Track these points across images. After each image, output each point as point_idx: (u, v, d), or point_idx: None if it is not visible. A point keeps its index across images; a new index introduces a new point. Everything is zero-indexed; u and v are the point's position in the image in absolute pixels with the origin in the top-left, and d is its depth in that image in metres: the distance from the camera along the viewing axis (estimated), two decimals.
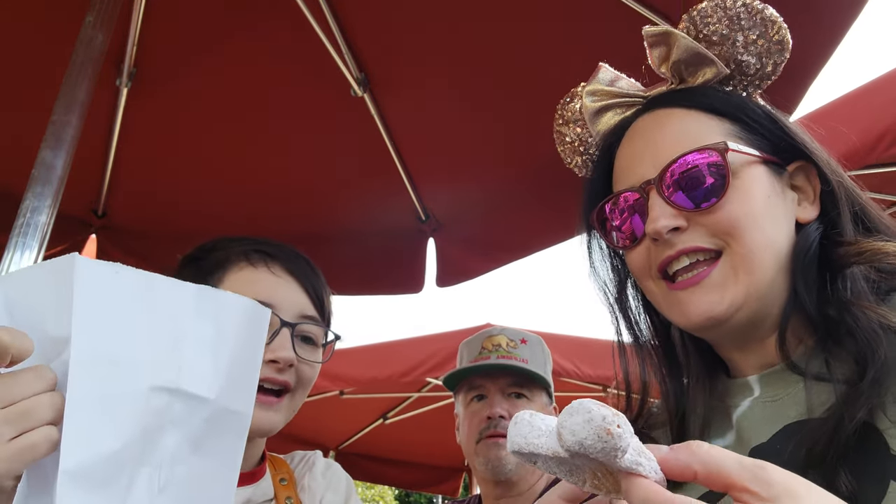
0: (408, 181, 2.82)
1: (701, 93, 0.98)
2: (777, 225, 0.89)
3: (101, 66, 1.83)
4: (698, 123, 0.94)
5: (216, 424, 0.77)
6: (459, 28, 2.30)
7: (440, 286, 2.99)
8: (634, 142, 0.99)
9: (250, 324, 0.83)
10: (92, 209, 2.90)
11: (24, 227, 1.66)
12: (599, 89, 1.06)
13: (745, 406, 0.91)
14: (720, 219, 0.88)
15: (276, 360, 1.17)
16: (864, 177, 3.23)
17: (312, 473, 1.32)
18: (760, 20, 0.96)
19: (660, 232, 0.89)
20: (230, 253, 1.27)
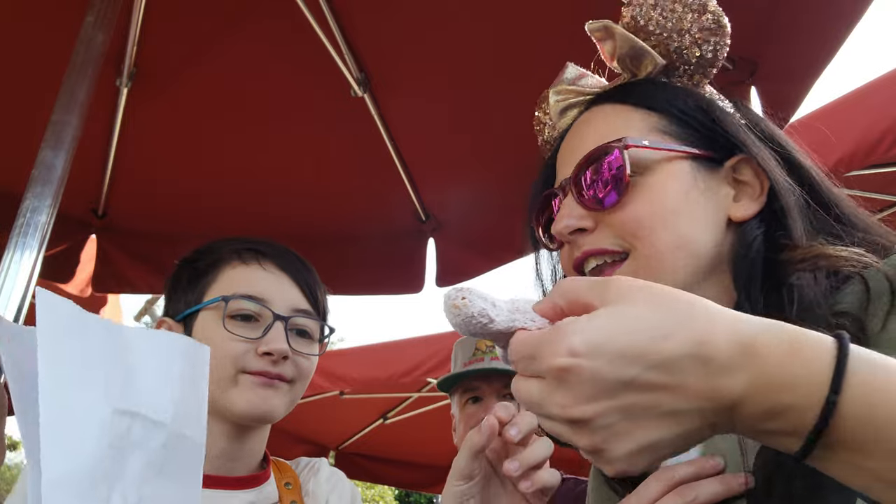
0: (408, 181, 2.82)
1: (633, 86, 0.96)
2: (696, 224, 0.84)
3: (101, 66, 1.83)
4: (622, 119, 0.92)
5: (173, 450, 0.81)
6: (460, 28, 2.30)
7: (440, 286, 2.99)
8: (566, 141, 0.98)
9: (192, 359, 0.85)
10: (92, 209, 2.90)
11: (24, 227, 1.66)
12: (564, 88, 1.05)
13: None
14: (624, 219, 0.84)
15: (270, 353, 1.20)
16: (864, 177, 3.23)
17: (317, 479, 1.34)
18: (693, 5, 0.92)
19: (561, 233, 0.88)
20: (223, 252, 1.30)
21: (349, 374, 4.68)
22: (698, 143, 0.88)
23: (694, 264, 0.83)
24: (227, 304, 1.22)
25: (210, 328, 1.23)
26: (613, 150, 0.86)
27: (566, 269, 0.92)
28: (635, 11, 0.94)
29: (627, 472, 0.56)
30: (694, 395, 0.53)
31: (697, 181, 0.86)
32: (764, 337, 0.54)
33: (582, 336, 0.54)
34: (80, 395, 0.74)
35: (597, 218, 0.87)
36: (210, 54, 2.42)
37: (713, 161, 0.88)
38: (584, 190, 0.88)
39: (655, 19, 0.93)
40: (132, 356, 0.80)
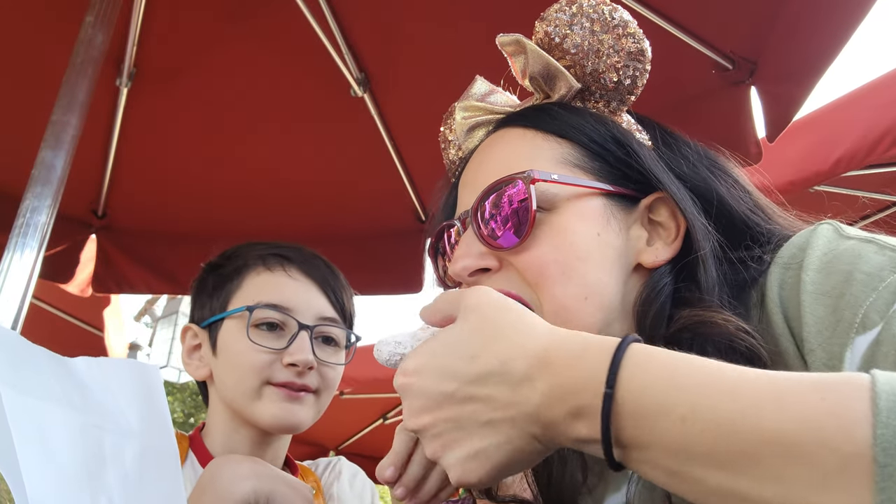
0: (408, 181, 2.82)
1: (544, 110, 0.86)
2: (605, 269, 0.76)
3: (101, 66, 1.83)
4: (530, 147, 0.83)
5: (148, 461, 0.80)
6: (460, 28, 2.30)
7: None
8: (469, 165, 0.89)
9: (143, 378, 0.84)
10: (92, 209, 2.89)
11: (24, 227, 1.66)
12: (471, 105, 0.96)
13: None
14: (528, 263, 0.76)
15: (295, 364, 1.19)
16: (864, 177, 3.23)
17: (340, 482, 1.34)
18: (614, 27, 0.83)
19: (459, 275, 0.79)
20: (248, 258, 1.29)
21: (349, 374, 4.64)
22: (612, 179, 0.80)
23: (603, 315, 0.75)
24: (251, 313, 1.21)
25: (234, 337, 1.22)
26: (518, 183, 0.77)
27: None
28: (550, 28, 0.86)
29: (467, 480, 0.61)
30: (502, 405, 0.58)
31: (610, 221, 0.78)
32: (557, 347, 0.58)
33: (414, 357, 0.65)
34: (48, 412, 0.73)
35: (500, 257, 0.78)
36: (210, 54, 2.42)
37: (627, 199, 0.81)
38: (485, 226, 0.79)
39: (571, 38, 0.84)
40: (84, 381, 0.79)
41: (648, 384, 0.52)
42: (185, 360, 1.30)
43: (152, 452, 0.81)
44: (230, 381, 1.22)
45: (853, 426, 0.43)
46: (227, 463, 1.02)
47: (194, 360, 1.29)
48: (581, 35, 0.83)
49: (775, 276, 0.71)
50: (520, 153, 0.83)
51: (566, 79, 0.85)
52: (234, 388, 1.21)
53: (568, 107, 0.86)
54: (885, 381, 0.44)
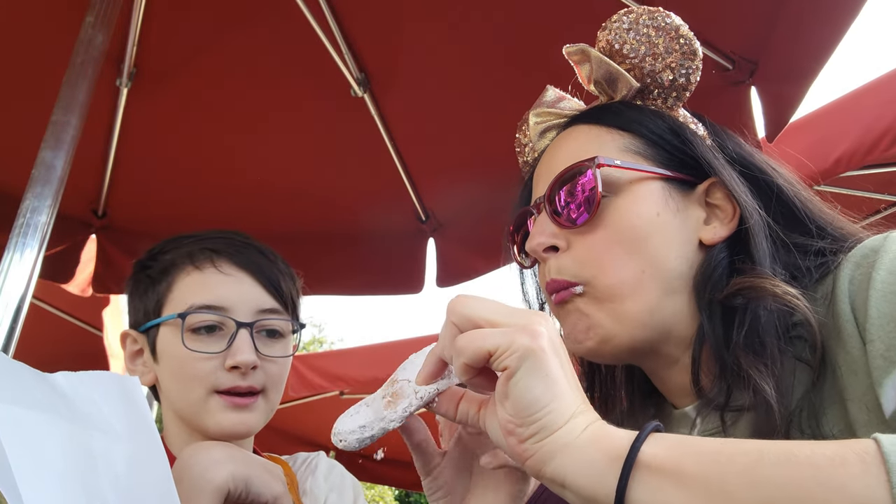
0: (408, 181, 2.82)
1: (606, 108, 0.97)
2: (667, 245, 0.85)
3: (101, 66, 1.83)
4: (594, 139, 0.92)
5: (138, 465, 0.79)
6: (460, 28, 2.30)
7: (440, 286, 2.98)
8: (541, 161, 0.99)
9: (123, 388, 0.84)
10: (92, 209, 2.89)
11: (24, 227, 1.66)
12: (544, 111, 1.06)
13: None
14: (594, 241, 0.85)
15: (237, 366, 1.13)
16: (864, 177, 3.23)
17: (315, 477, 1.29)
18: (668, 31, 0.94)
19: (535, 251, 0.88)
20: (175, 256, 1.22)
21: (349, 374, 4.68)
22: (670, 165, 0.90)
23: (660, 288, 0.84)
24: (184, 320, 1.14)
25: (172, 345, 1.16)
26: (586, 169, 0.87)
27: (542, 287, 0.93)
28: (610, 36, 0.96)
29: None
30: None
31: (668, 202, 0.87)
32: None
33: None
34: (36, 421, 0.72)
35: (568, 237, 0.87)
36: (210, 54, 2.42)
37: (685, 183, 0.90)
38: (557, 208, 0.89)
39: (630, 43, 0.95)
40: (67, 394, 0.79)
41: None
42: (128, 366, 1.23)
43: (142, 457, 0.80)
44: (174, 390, 1.17)
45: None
46: (200, 450, 0.98)
47: (138, 367, 1.22)
48: (638, 40, 0.95)
49: (846, 272, 0.77)
50: (586, 145, 0.92)
51: (626, 80, 0.95)
52: (179, 398, 1.16)
53: (628, 104, 0.96)
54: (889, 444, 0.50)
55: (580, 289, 0.85)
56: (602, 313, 0.84)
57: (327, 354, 8.90)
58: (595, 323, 0.84)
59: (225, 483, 0.94)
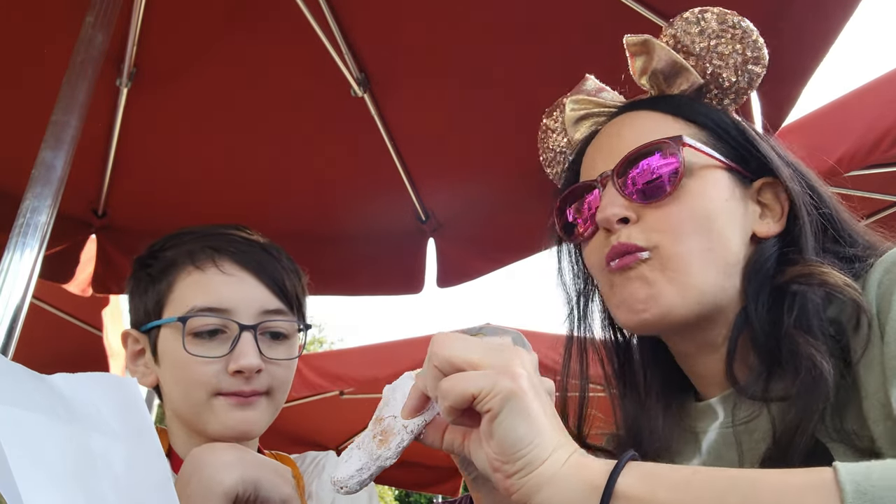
0: (408, 181, 2.82)
1: (671, 99, 0.99)
2: (731, 230, 0.89)
3: (101, 66, 1.83)
4: (663, 124, 0.94)
5: (137, 466, 0.79)
6: (460, 28, 2.30)
7: (441, 287, 2.98)
8: (599, 140, 1.00)
9: (122, 390, 0.84)
10: (92, 209, 2.89)
11: (24, 227, 1.65)
12: (582, 98, 1.07)
13: (713, 433, 0.91)
14: (666, 217, 0.87)
15: (241, 370, 1.10)
16: (864, 177, 3.22)
17: (321, 479, 1.26)
18: (737, 34, 0.96)
19: (609, 220, 0.89)
20: (176, 255, 1.19)
21: (349, 374, 4.68)
22: (734, 159, 0.93)
23: (725, 269, 0.87)
24: (184, 324, 1.11)
25: (173, 347, 1.13)
26: (666, 147, 0.89)
27: (596, 260, 0.93)
28: (678, 32, 0.97)
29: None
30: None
31: (734, 192, 0.91)
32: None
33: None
34: (35, 422, 0.72)
35: (639, 211, 0.89)
36: (210, 54, 2.42)
37: (744, 178, 0.93)
38: (630, 183, 0.90)
39: (699, 41, 0.96)
40: (65, 395, 0.78)
41: None
42: (129, 366, 1.21)
43: (140, 457, 0.80)
44: (176, 393, 1.14)
45: None
46: (210, 452, 0.97)
47: (139, 367, 1.20)
48: (707, 39, 0.96)
49: (876, 276, 0.81)
50: (657, 127, 0.93)
51: (690, 75, 0.96)
52: (181, 400, 1.14)
53: (691, 97, 0.98)
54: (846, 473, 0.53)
55: (646, 254, 0.86)
56: (666, 282, 0.85)
57: (327, 354, 8.90)
58: (657, 292, 0.85)
59: (234, 486, 0.93)
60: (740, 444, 0.86)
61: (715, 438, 0.89)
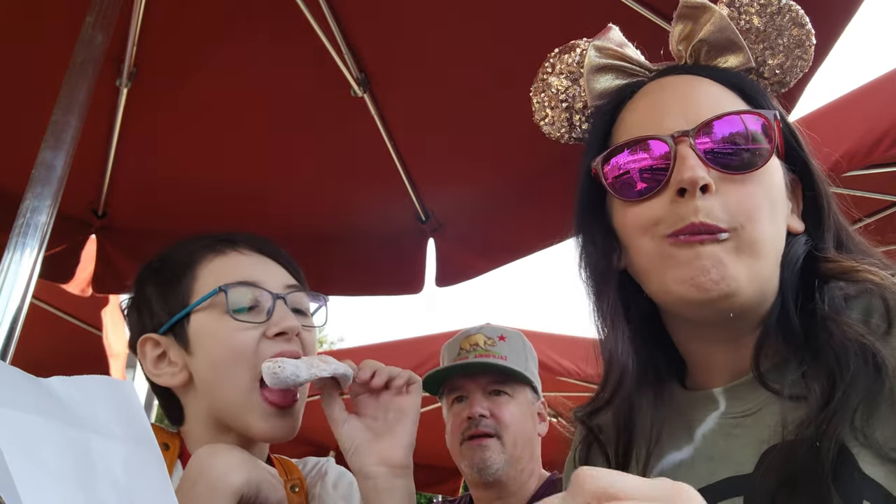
0: (408, 181, 2.82)
1: (728, 72, 0.93)
2: (783, 221, 0.86)
3: (101, 66, 1.83)
4: (733, 99, 0.89)
5: (136, 468, 0.79)
6: (460, 28, 2.30)
7: (440, 286, 2.99)
8: (657, 95, 0.92)
9: (119, 392, 0.84)
10: (92, 209, 2.90)
11: (24, 227, 1.65)
12: (608, 47, 0.99)
13: (711, 423, 0.87)
14: (748, 194, 0.83)
15: (284, 332, 1.14)
16: (864, 177, 3.23)
17: (324, 483, 1.28)
18: (795, 25, 0.93)
19: (696, 182, 0.81)
20: (192, 250, 1.23)
21: None
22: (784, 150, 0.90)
23: (775, 258, 0.84)
24: (227, 293, 1.13)
25: (211, 326, 1.14)
26: (764, 119, 0.85)
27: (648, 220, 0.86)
28: (734, 12, 0.93)
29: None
30: None
31: (784, 182, 0.88)
32: None
33: None
34: (34, 424, 0.72)
35: (717, 181, 0.83)
36: (210, 54, 2.42)
37: (787, 171, 0.90)
38: (713, 149, 0.84)
39: (755, 24, 0.93)
40: (62, 398, 0.79)
41: None
42: (152, 371, 1.19)
43: (139, 459, 0.80)
44: (215, 377, 1.14)
45: None
46: (216, 453, 1.00)
47: (164, 369, 1.19)
48: (763, 22, 0.93)
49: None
50: (728, 100, 0.88)
51: (742, 54, 0.92)
52: (221, 388, 1.13)
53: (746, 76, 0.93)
54: None
55: (725, 235, 0.81)
56: (740, 266, 0.81)
57: (326, 354, 8.88)
58: (729, 274, 0.80)
59: (241, 487, 0.97)
60: (737, 437, 0.83)
61: (712, 428, 0.87)
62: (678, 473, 0.86)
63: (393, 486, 1.06)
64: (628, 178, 0.89)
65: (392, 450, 1.08)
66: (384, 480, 1.06)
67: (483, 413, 1.96)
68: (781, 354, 0.85)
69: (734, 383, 0.87)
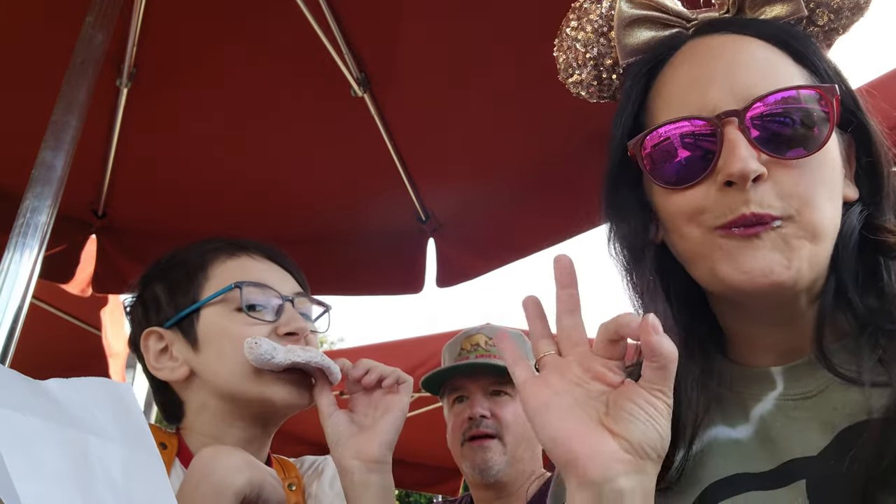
0: (408, 181, 2.82)
1: (777, 27, 0.83)
2: (838, 196, 0.79)
3: (101, 66, 1.83)
4: (783, 63, 0.80)
5: (135, 469, 0.80)
6: (460, 28, 2.30)
7: (440, 286, 2.99)
8: (698, 63, 0.83)
9: (117, 394, 0.85)
10: (92, 209, 2.90)
11: (24, 227, 1.66)
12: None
13: (769, 404, 0.82)
14: (805, 178, 0.75)
15: (294, 332, 1.18)
16: None
17: (321, 482, 1.30)
18: None
19: (747, 176, 0.74)
20: (204, 251, 1.26)
21: None
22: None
23: (832, 236, 0.78)
24: (241, 290, 1.17)
25: (221, 322, 1.17)
26: (821, 97, 0.76)
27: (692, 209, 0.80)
28: None
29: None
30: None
31: (840, 153, 0.81)
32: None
33: None
34: (31, 425, 0.72)
35: (766, 165, 0.76)
36: (210, 54, 2.42)
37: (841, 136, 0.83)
38: (764, 131, 0.76)
39: None
40: (60, 400, 0.79)
41: None
42: (153, 365, 1.21)
43: (138, 461, 0.81)
44: (225, 368, 1.16)
45: None
46: (219, 455, 1.02)
47: (165, 363, 1.21)
48: None
49: None
50: (781, 67, 0.80)
51: (793, 2, 0.84)
52: (230, 373, 1.15)
53: (807, 35, 0.85)
54: None
55: (779, 223, 0.75)
56: (798, 253, 0.75)
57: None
58: (786, 264, 0.75)
59: (243, 488, 0.99)
60: (796, 420, 0.79)
61: (770, 409, 0.81)
62: (734, 452, 0.82)
63: (367, 480, 1.08)
64: (669, 162, 0.81)
65: (368, 444, 1.11)
66: (359, 474, 1.08)
67: (484, 413, 1.96)
68: (843, 335, 0.80)
69: (793, 364, 0.82)
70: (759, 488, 0.77)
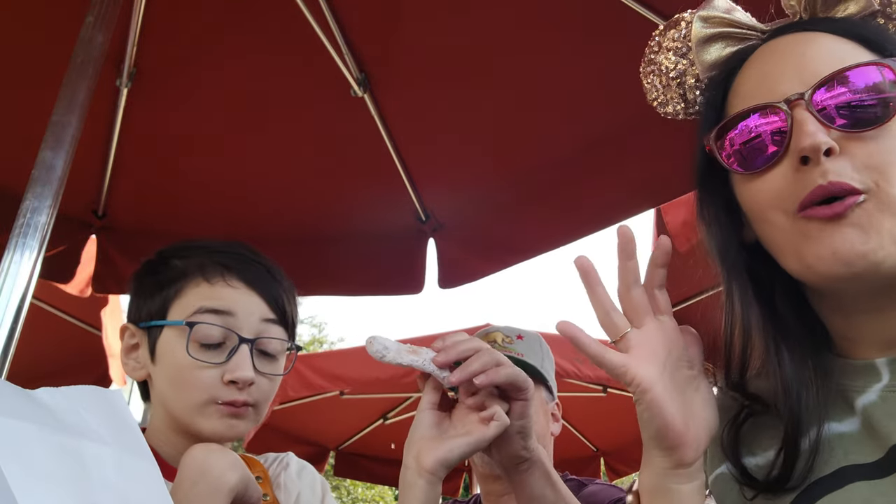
0: (408, 181, 2.82)
1: (847, 21, 0.86)
2: None
3: (101, 66, 1.83)
4: (854, 50, 0.82)
5: (130, 473, 0.81)
6: (460, 28, 2.30)
7: (443, 287, 2.98)
8: (769, 59, 0.87)
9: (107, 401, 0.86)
10: (92, 209, 2.89)
11: (24, 228, 1.66)
12: (714, 16, 0.95)
13: (874, 395, 0.81)
14: (878, 150, 0.76)
15: (235, 381, 1.18)
16: None
17: (288, 472, 1.35)
18: None
19: (818, 148, 0.75)
20: (187, 265, 1.27)
21: (349, 374, 4.67)
22: None
23: None
24: (191, 329, 1.18)
25: (174, 349, 1.20)
26: (885, 70, 0.78)
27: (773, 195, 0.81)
28: None
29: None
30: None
31: None
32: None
33: None
34: (26, 430, 0.72)
35: (840, 142, 0.77)
36: (210, 54, 2.42)
37: None
38: (833, 108, 0.78)
39: None
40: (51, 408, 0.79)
41: None
42: (123, 359, 1.28)
43: (132, 464, 0.81)
44: (171, 392, 1.21)
45: None
46: (212, 453, 1.05)
47: (131, 361, 1.26)
48: None
49: None
50: (847, 52, 0.82)
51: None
52: (175, 399, 1.20)
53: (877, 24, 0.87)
54: None
55: (862, 198, 0.75)
56: (884, 230, 0.74)
57: (327, 354, 8.89)
58: (876, 241, 0.74)
59: (237, 485, 1.02)
60: None
61: (874, 401, 0.81)
62: (842, 445, 0.82)
63: (415, 483, 1.08)
64: (744, 150, 0.84)
65: (430, 452, 1.08)
66: (410, 474, 1.08)
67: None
68: None
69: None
70: (865, 478, 0.77)
